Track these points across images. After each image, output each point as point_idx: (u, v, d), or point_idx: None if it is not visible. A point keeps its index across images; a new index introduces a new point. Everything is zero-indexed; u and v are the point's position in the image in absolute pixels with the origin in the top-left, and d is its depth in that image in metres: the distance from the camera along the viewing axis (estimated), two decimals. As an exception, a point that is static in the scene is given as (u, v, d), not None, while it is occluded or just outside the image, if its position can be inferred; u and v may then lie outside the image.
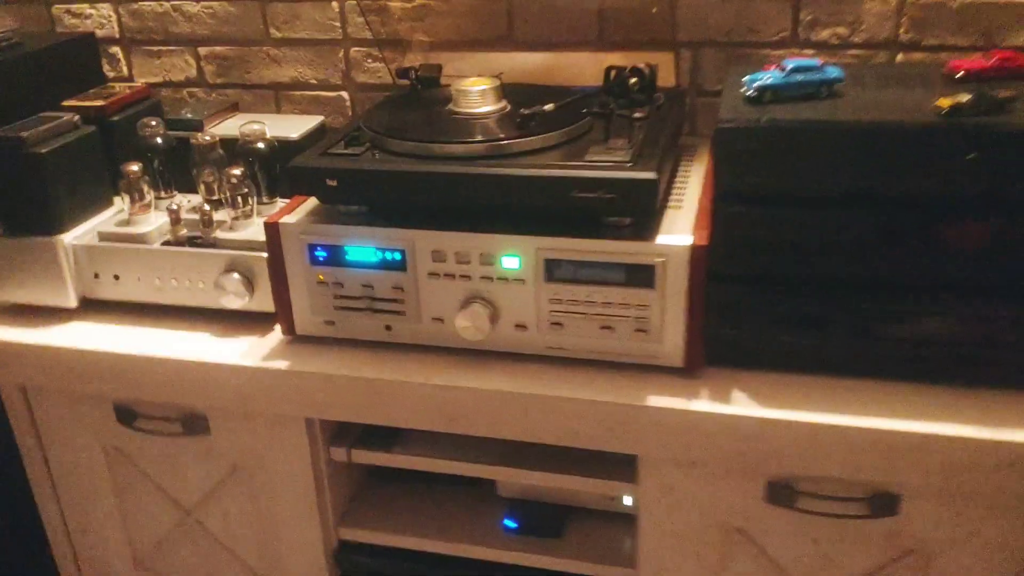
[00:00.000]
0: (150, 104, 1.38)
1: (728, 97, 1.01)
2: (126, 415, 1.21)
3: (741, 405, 0.97)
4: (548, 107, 1.07)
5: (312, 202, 1.12)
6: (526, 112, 1.05)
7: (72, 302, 1.21)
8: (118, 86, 1.40)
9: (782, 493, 1.00)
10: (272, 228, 1.07)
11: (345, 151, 1.06)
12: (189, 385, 1.14)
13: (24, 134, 1.16)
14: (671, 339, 1.00)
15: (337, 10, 1.49)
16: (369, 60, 1.51)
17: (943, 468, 0.93)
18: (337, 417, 1.12)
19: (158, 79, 1.63)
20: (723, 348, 1.00)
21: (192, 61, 1.60)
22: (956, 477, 0.93)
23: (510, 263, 1.01)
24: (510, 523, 1.21)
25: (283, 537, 1.23)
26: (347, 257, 1.06)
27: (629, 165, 0.96)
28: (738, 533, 1.05)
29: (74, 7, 1.62)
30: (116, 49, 1.63)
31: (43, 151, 1.16)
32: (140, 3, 1.57)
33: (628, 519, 1.17)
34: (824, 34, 1.32)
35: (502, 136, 1.04)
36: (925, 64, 1.14)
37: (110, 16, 1.61)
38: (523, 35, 1.42)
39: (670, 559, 1.09)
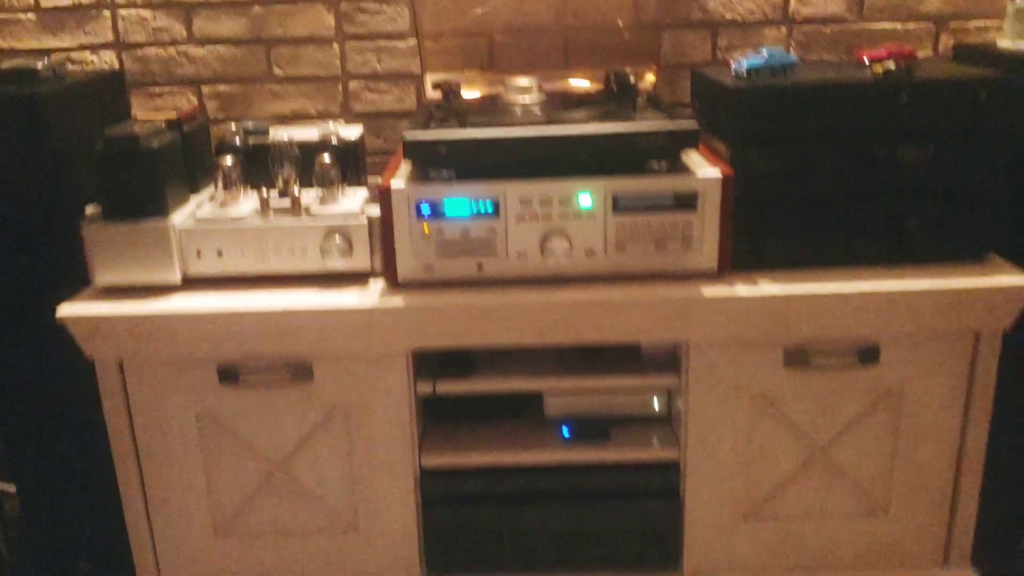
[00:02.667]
0: (203, 119, 1.58)
1: (724, 79, 1.39)
2: (229, 375, 1.38)
3: (763, 290, 1.33)
4: (592, 91, 1.41)
5: (402, 171, 1.37)
6: (575, 96, 1.39)
7: (177, 278, 1.38)
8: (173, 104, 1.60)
9: (796, 357, 1.36)
10: (384, 192, 1.32)
11: (445, 125, 1.34)
12: (300, 333, 1.34)
13: (138, 132, 1.34)
14: (708, 250, 1.34)
15: (337, 49, 1.76)
16: (366, 91, 1.79)
17: (910, 316, 1.33)
18: (446, 344, 1.36)
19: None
20: (745, 253, 1.36)
21: (194, 99, 1.80)
22: (918, 321, 1.33)
23: (585, 201, 1.32)
24: (566, 432, 1.48)
25: (375, 471, 1.43)
26: (447, 210, 1.33)
27: (672, 122, 1.32)
28: (762, 398, 1.39)
29: (75, 55, 1.78)
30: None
31: (156, 146, 1.34)
32: (144, 49, 1.77)
33: (658, 421, 1.49)
34: (736, 54, 1.75)
35: (565, 110, 1.36)
36: (840, 57, 1.60)
37: (111, 60, 1.78)
38: (501, 64, 1.76)
39: (711, 428, 1.40)
